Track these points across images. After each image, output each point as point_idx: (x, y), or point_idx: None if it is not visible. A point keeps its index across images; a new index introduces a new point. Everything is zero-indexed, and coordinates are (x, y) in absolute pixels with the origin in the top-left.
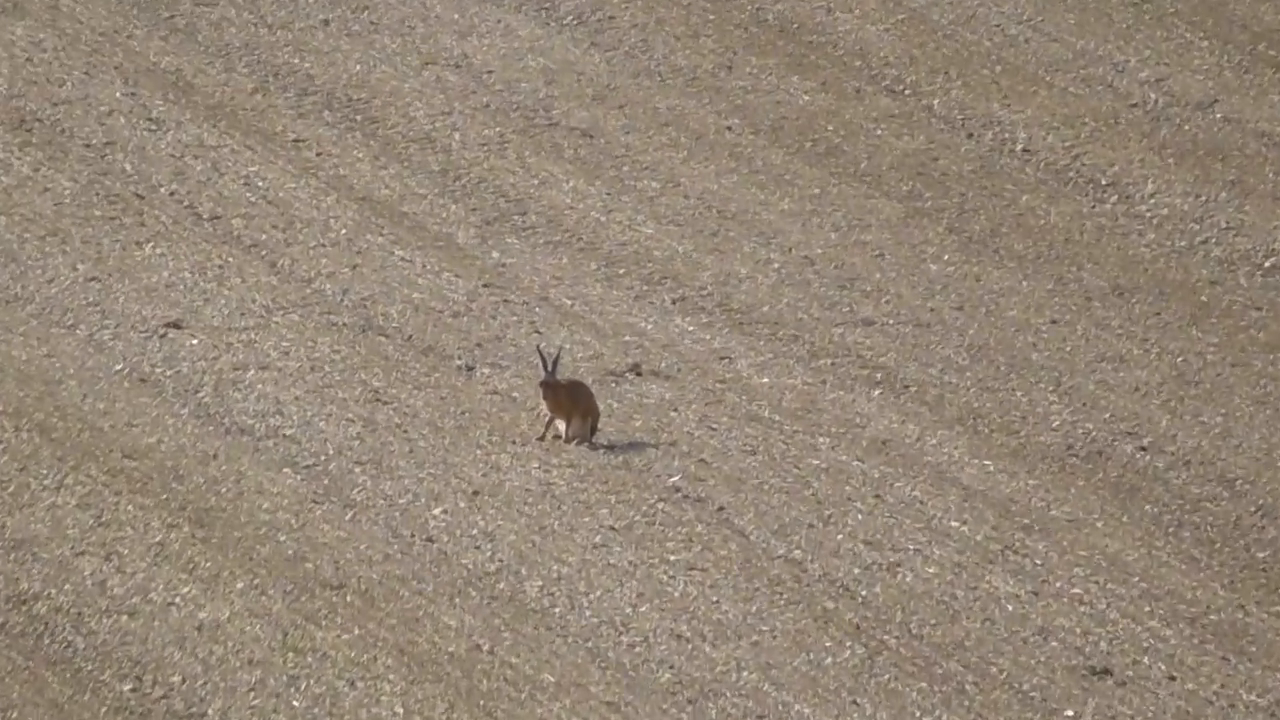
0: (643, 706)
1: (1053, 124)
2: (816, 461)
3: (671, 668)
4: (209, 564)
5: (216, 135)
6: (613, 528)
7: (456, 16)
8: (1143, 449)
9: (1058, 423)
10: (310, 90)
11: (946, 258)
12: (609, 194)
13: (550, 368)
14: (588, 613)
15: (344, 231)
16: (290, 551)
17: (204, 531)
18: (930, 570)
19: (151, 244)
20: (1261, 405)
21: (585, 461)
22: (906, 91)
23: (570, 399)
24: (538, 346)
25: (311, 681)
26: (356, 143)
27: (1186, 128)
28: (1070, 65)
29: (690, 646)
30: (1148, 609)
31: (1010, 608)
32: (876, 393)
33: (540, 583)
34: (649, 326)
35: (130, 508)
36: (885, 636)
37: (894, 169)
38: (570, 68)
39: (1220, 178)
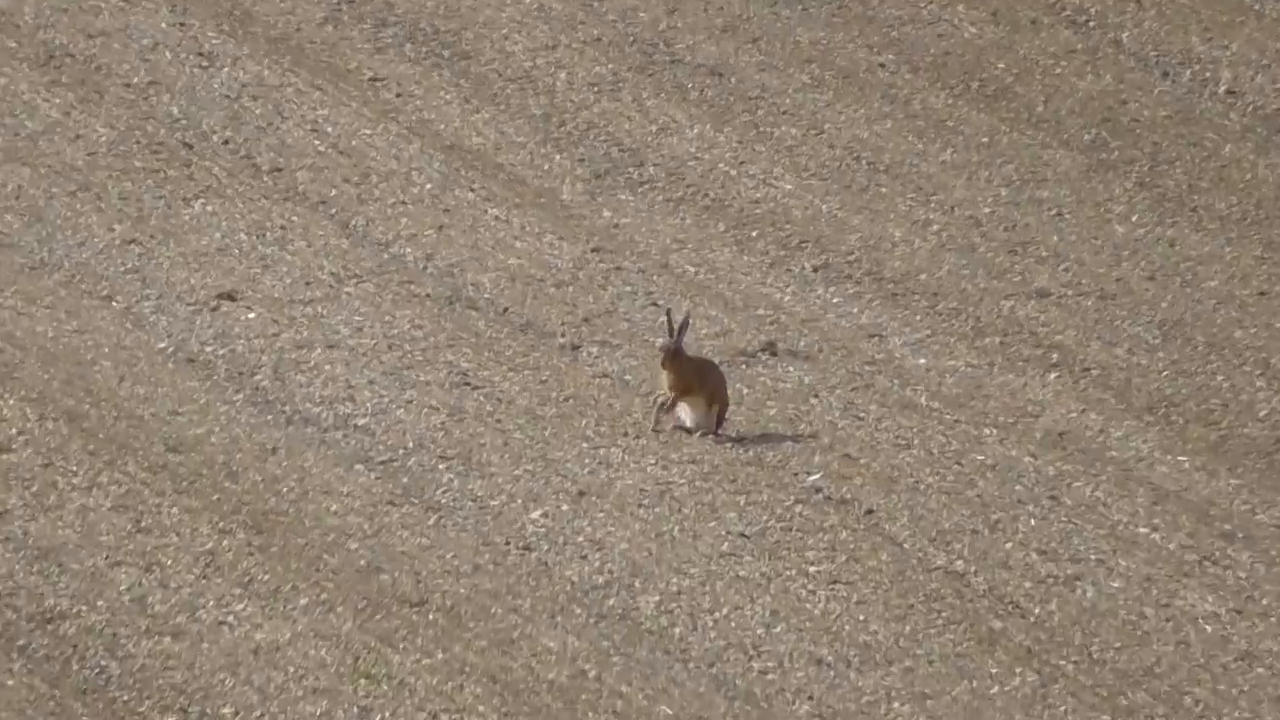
0: None
1: (1262, 62)
2: (982, 457)
3: (811, 698)
4: (267, 577)
5: (279, 73)
6: (743, 534)
7: None
8: None
9: (1265, 412)
10: (390, 20)
11: (1136, 218)
12: (740, 143)
13: (677, 335)
14: (712, 634)
15: (428, 187)
16: (363, 562)
17: (262, 539)
18: (1115, 585)
19: (201, 201)
20: None
21: (710, 457)
22: (1090, 23)
23: (698, 378)
24: (666, 310)
25: (387, 714)
26: (444, 82)
27: None
28: None
29: (833, 673)
30: None
31: (1209, 628)
32: (1053, 376)
33: (657, 598)
34: (786, 298)
35: (175, 511)
36: (1061, 661)
37: (1075, 114)
38: None
39: None
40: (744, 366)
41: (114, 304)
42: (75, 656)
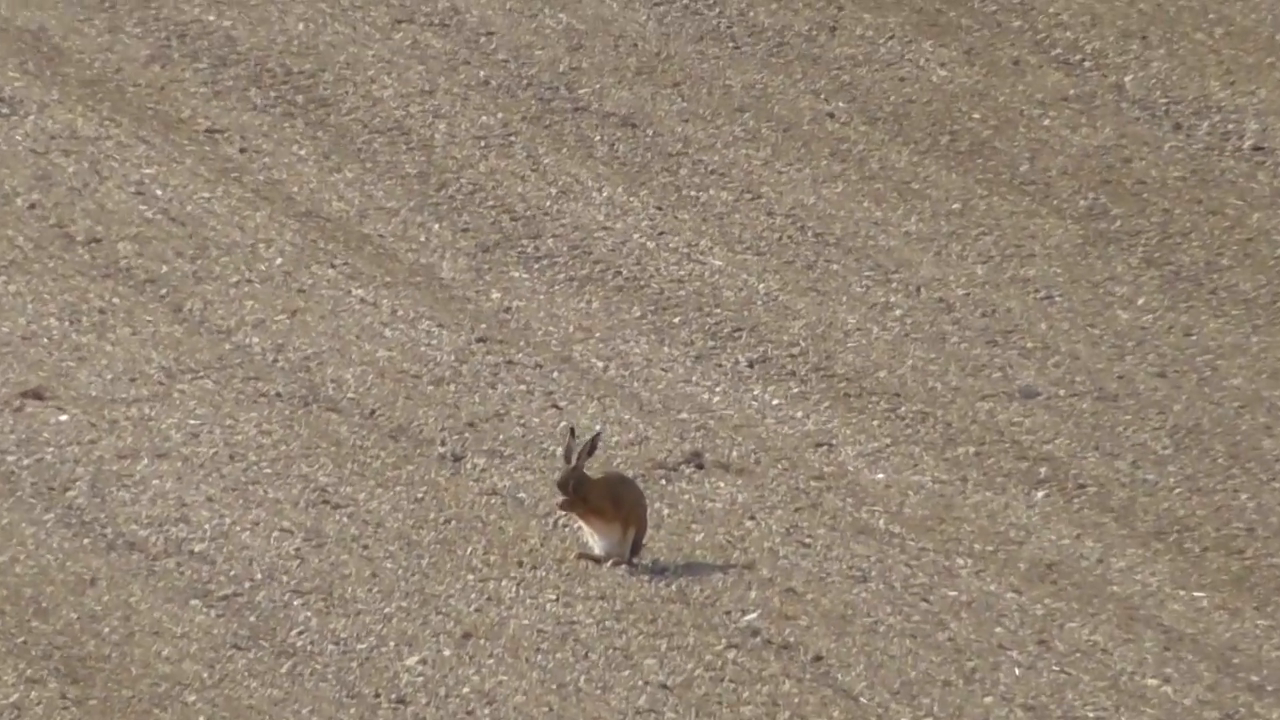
0: None
1: None
2: (955, 593)
3: None
4: None
5: (96, 122)
6: (664, 685)
7: None
8: None
9: None
10: (230, 58)
11: (1142, 302)
12: (659, 209)
13: (577, 459)
14: None
15: (279, 262)
16: (203, 718)
17: (79, 689)
18: None
19: (3, 278)
20: None
21: (623, 592)
22: (1086, 64)
23: (610, 499)
24: (570, 429)
25: None
26: (297, 134)
27: None
28: None
29: None
30: None
31: None
32: (1040, 495)
33: None
34: (715, 399)
35: None
36: None
37: (1068, 175)
38: (605, 28)
39: None
40: (664, 483)
41: None
42: None
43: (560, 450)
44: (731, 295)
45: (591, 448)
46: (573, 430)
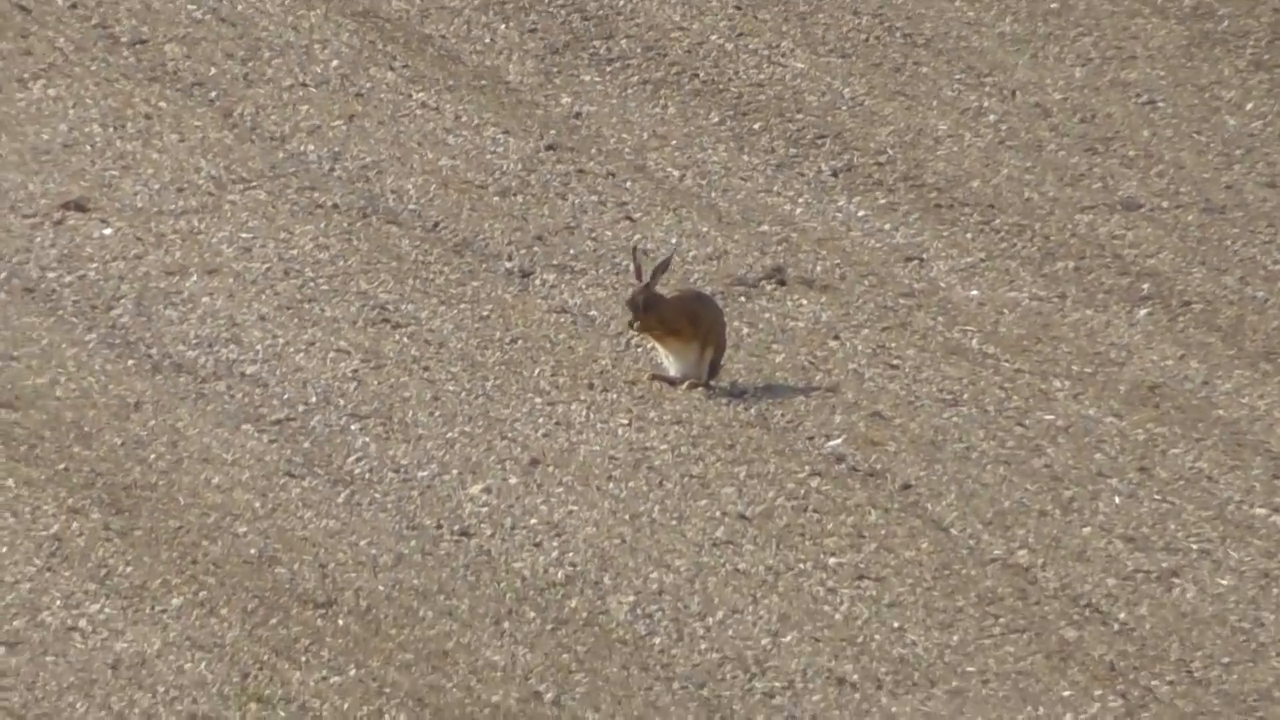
0: None
1: None
2: (1051, 417)
3: None
4: (130, 569)
5: None
6: (742, 516)
7: None
8: None
9: None
10: None
11: (1251, 107)
12: (738, 8)
13: (650, 275)
14: (703, 645)
15: (335, 64)
16: (253, 551)
17: (123, 520)
18: (1223, 582)
19: (41, 82)
20: None
21: (700, 416)
22: None
23: (687, 317)
24: (633, 246)
25: None
26: None
27: None
28: None
29: (858, 696)
30: None
31: None
32: (1143, 313)
33: (632, 599)
34: (798, 211)
35: (10, 484)
36: (1154, 682)
37: None
38: None
39: None
40: (743, 300)
41: None
42: None
43: (631, 268)
44: (815, 100)
45: (664, 267)
46: (636, 248)
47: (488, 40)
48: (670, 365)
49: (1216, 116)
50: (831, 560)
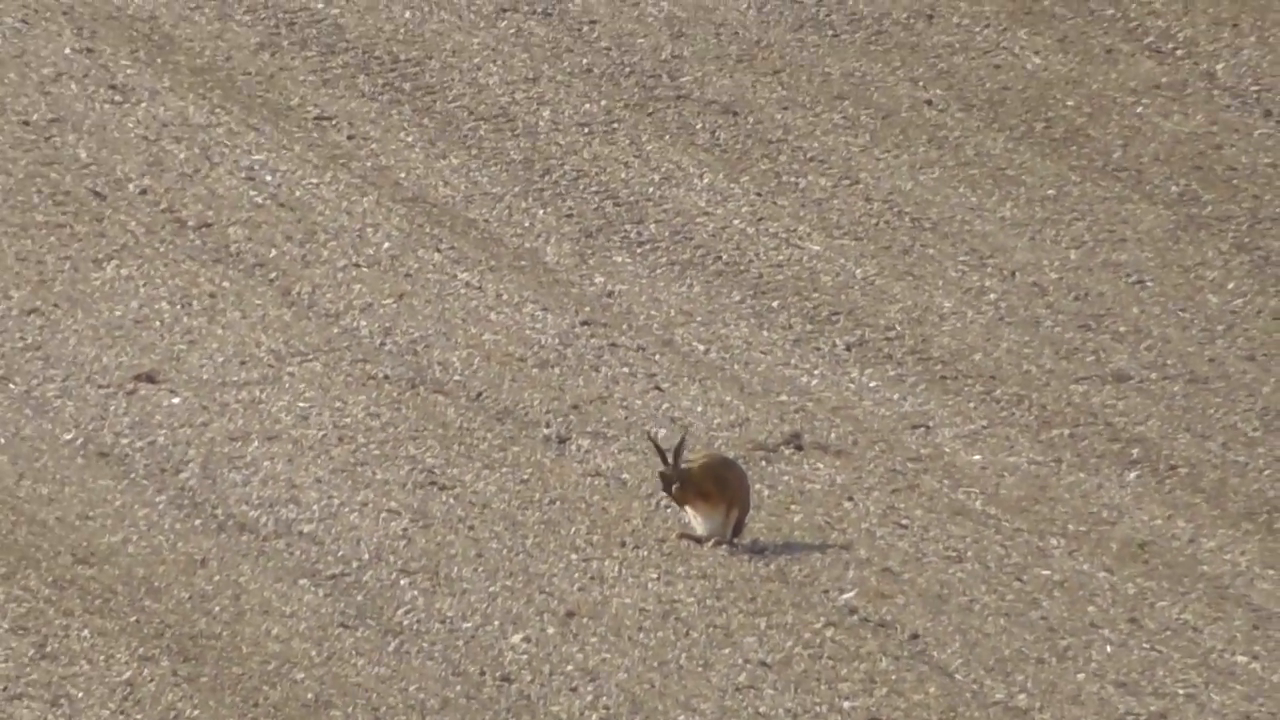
0: None
1: None
2: (1048, 572)
3: None
4: (197, 712)
5: (206, 110)
6: (763, 663)
7: None
8: None
9: None
10: (339, 46)
11: (1233, 286)
12: (759, 195)
13: (674, 459)
14: None
15: (386, 247)
16: (310, 695)
17: (190, 667)
18: None
19: (115, 263)
20: None
21: (724, 571)
22: (1178, 51)
23: (715, 483)
24: (647, 432)
25: None
26: (404, 121)
27: None
28: None
29: None
30: None
31: None
32: (1133, 476)
33: None
34: (814, 382)
35: (86, 634)
36: None
37: (1160, 161)
38: (705, 16)
39: None
40: (764, 463)
41: (11, 386)
42: None
43: (654, 453)
44: (829, 279)
45: (682, 447)
46: (650, 435)
47: (527, 224)
48: (698, 525)
49: (1201, 295)
50: (846, 704)
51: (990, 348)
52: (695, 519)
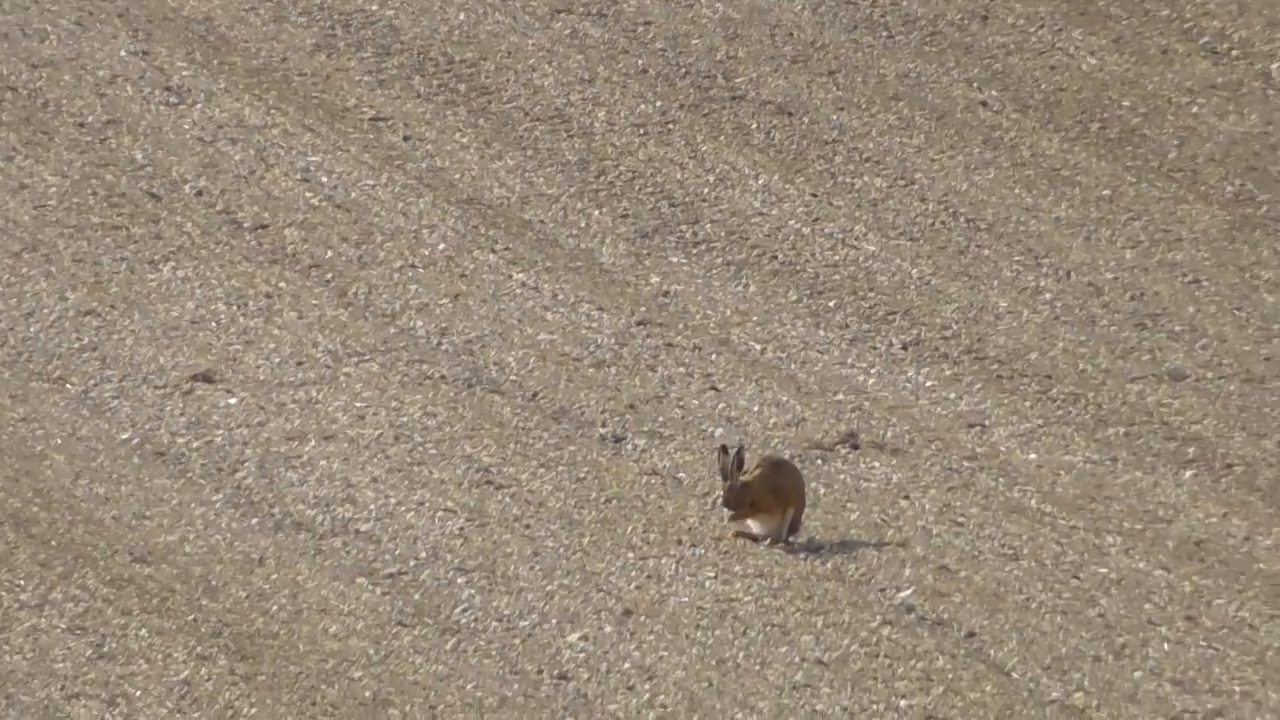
0: None
1: None
2: (1104, 570)
3: None
4: (255, 711)
5: (262, 111)
6: (820, 661)
7: None
8: None
9: None
10: (394, 48)
11: None
12: (814, 196)
13: (731, 471)
14: None
15: (442, 247)
16: (368, 694)
17: (247, 666)
18: None
19: (171, 264)
20: None
21: (781, 570)
22: (1234, 52)
23: (771, 490)
24: (722, 445)
25: None
26: (460, 122)
27: None
28: None
29: None
30: None
31: None
32: (1188, 474)
33: None
34: (870, 381)
35: (143, 633)
36: None
37: (1215, 161)
38: (760, 17)
39: None
40: (820, 462)
41: (68, 387)
42: None
43: (717, 467)
44: (885, 279)
45: (740, 460)
46: (724, 448)
47: (583, 225)
48: (755, 527)
49: (1256, 294)
50: (903, 703)
51: (1046, 347)
52: (753, 524)
